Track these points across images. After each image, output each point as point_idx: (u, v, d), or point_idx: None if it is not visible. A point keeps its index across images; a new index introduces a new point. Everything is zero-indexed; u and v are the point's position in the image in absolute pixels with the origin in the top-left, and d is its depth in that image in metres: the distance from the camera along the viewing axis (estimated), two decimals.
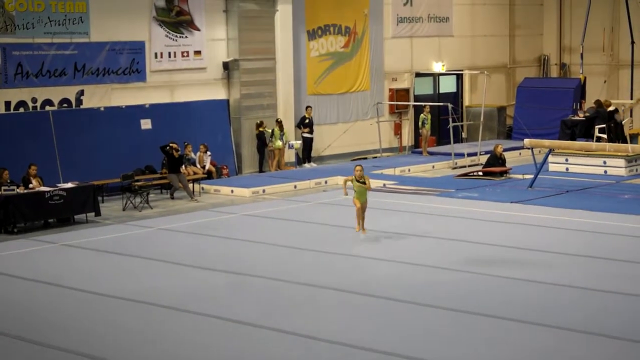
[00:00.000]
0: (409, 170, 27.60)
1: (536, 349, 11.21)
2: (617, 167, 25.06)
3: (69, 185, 20.89)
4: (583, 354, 11.03)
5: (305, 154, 28.72)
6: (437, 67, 33.22)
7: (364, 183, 17.42)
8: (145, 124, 25.27)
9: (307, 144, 28.65)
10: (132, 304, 13.53)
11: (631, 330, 11.80)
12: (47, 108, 23.65)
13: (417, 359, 10.89)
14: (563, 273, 14.74)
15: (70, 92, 24.08)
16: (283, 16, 28.08)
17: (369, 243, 16.78)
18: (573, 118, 28.70)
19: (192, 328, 12.36)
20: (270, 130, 27.24)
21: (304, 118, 28.58)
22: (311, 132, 28.64)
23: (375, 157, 30.03)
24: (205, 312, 12.99)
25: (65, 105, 24.02)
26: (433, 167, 28.30)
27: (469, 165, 27.85)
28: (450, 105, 29.43)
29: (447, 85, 34.14)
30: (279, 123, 27.39)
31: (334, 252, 16.49)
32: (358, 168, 17.52)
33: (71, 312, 13.33)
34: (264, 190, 24.13)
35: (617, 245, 16.87)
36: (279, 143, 27.33)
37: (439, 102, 31.95)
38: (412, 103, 31.83)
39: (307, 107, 28.71)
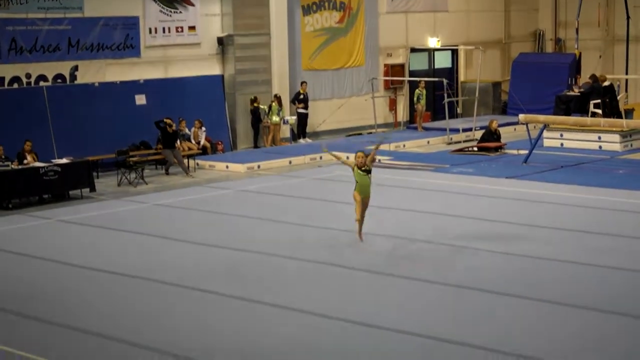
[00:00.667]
0: (404, 145, 27.59)
1: (529, 323, 11.25)
2: (612, 143, 25.06)
3: (64, 160, 20.87)
4: (578, 328, 11.07)
5: (300, 129, 28.68)
6: (432, 42, 33.14)
7: (368, 172, 15.26)
8: (140, 99, 25.21)
9: (302, 119, 28.60)
10: (129, 279, 13.54)
11: (625, 304, 11.84)
12: (41, 84, 23.58)
13: (412, 333, 10.92)
14: (558, 248, 14.78)
15: (64, 67, 24.00)
16: None
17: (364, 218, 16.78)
18: (568, 93, 28.65)
19: (188, 303, 12.39)
20: (264, 107, 27.18)
21: (298, 94, 28.52)
22: (306, 107, 28.59)
23: (371, 133, 30.01)
24: (201, 287, 13.01)
25: (59, 80, 23.95)
26: (428, 142, 28.29)
27: (464, 141, 27.84)
28: (445, 81, 29.39)
29: (442, 61, 34.06)
30: (278, 98, 27.31)
31: (330, 228, 16.50)
32: (360, 154, 15.29)
33: (67, 287, 13.35)
34: (259, 166, 24.12)
35: (612, 220, 16.91)
36: (276, 118, 27.27)
37: (434, 77, 31.87)
38: (407, 78, 31.77)
39: (302, 83, 28.64)
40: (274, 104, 27.17)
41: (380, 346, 10.58)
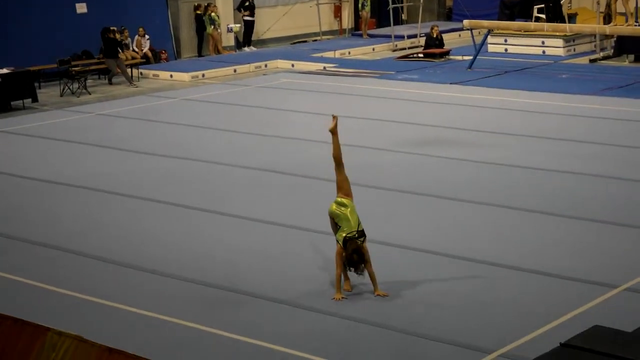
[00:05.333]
0: (349, 53, 27.50)
1: (475, 226, 11.43)
2: (555, 47, 25.20)
3: (4, 70, 20.53)
4: (529, 231, 11.26)
5: (246, 37, 28.39)
6: None
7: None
8: (81, 7, 24.74)
9: (248, 27, 28.27)
10: (74, 190, 13.48)
11: (574, 207, 12.03)
12: None
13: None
14: (503, 152, 14.91)
15: None
16: None
17: (310, 125, 16.76)
18: None
19: (135, 212, 12.40)
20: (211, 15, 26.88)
21: (244, 1, 28.14)
22: (252, 15, 28.23)
23: (315, 40, 29.83)
24: (147, 196, 13.00)
25: None
26: (373, 49, 28.20)
27: (409, 48, 27.80)
28: None
29: None
30: (206, 7, 26.98)
31: (275, 135, 16.49)
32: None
33: (12, 199, 13.26)
34: (203, 75, 23.93)
35: (555, 124, 17.08)
36: (210, 28, 26.99)
37: None
38: None
39: None
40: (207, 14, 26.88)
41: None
